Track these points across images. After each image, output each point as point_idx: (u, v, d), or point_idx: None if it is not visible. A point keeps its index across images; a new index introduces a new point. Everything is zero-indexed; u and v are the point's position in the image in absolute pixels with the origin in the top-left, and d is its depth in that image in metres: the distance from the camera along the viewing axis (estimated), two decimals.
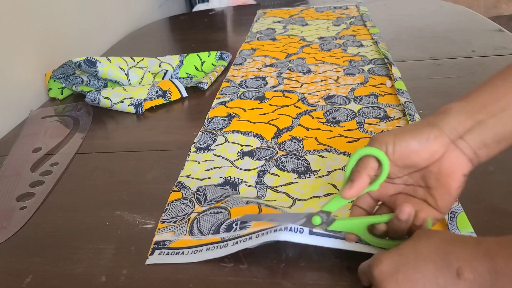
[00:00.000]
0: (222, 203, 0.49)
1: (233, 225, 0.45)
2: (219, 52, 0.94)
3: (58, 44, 0.94)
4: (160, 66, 0.89)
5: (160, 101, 0.78)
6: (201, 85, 0.82)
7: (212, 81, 0.85)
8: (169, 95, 0.78)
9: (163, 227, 0.48)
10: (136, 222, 0.49)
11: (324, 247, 0.42)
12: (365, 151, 0.37)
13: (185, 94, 0.80)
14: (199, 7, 1.66)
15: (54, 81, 0.86)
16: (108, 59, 0.83)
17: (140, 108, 0.76)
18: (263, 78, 0.84)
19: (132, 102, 0.76)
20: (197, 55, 0.93)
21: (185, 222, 0.48)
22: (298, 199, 0.50)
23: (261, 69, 0.88)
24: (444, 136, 0.36)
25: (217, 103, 0.75)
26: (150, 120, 0.74)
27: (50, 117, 0.79)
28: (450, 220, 0.43)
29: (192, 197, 0.52)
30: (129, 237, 0.47)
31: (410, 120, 0.61)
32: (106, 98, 0.77)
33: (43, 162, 0.64)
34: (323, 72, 0.84)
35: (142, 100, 0.76)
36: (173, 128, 0.70)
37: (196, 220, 0.48)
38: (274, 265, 0.41)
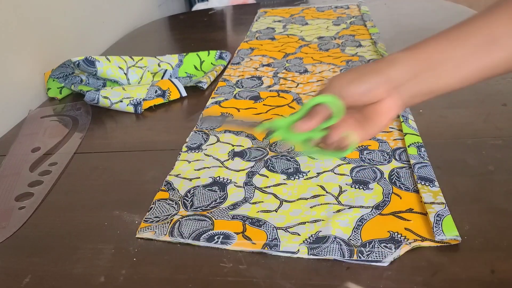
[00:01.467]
0: (207, 212, 0.49)
1: (215, 237, 0.45)
2: (218, 51, 0.94)
3: (57, 43, 0.94)
4: (159, 65, 0.89)
5: (160, 100, 0.77)
6: (201, 85, 0.81)
7: (212, 80, 0.84)
8: (168, 94, 0.78)
9: (145, 226, 0.48)
10: (135, 222, 0.49)
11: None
12: (325, 99, 0.42)
13: (184, 93, 0.80)
14: (199, 6, 1.66)
15: (53, 80, 0.85)
16: (107, 59, 0.83)
17: (139, 107, 0.75)
18: (259, 78, 0.83)
19: (131, 101, 0.76)
20: (197, 54, 0.93)
21: (167, 223, 0.48)
22: (286, 201, 0.50)
23: (257, 69, 0.88)
24: (388, 83, 0.41)
25: (212, 103, 0.75)
26: (149, 120, 0.74)
27: (49, 116, 0.79)
28: (436, 223, 0.43)
29: (179, 200, 0.51)
30: (128, 237, 0.47)
31: (402, 121, 0.61)
32: (105, 97, 0.77)
33: (42, 161, 0.64)
34: (319, 72, 0.83)
35: (141, 99, 0.76)
36: (172, 128, 0.70)
37: (178, 222, 0.48)
38: (274, 265, 0.41)
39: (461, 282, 0.38)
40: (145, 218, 0.49)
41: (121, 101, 0.76)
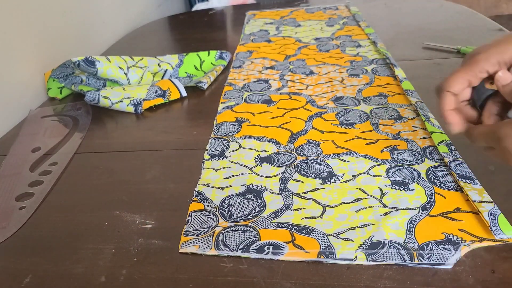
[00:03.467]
0: (250, 222, 0.47)
1: (265, 248, 0.43)
2: (218, 51, 0.94)
3: (58, 43, 0.94)
4: (159, 65, 0.89)
5: (160, 100, 0.77)
6: (201, 85, 0.81)
7: (212, 80, 0.84)
8: (168, 94, 0.78)
9: (187, 240, 0.45)
10: (135, 222, 0.49)
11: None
12: None
13: (184, 93, 0.80)
14: (199, 6, 1.66)
15: (53, 80, 0.85)
16: (108, 59, 0.83)
17: (140, 107, 0.75)
18: (266, 81, 0.82)
19: (132, 101, 0.76)
20: (197, 54, 0.93)
21: (210, 236, 0.46)
22: (328, 206, 0.48)
23: (262, 72, 0.87)
24: None
25: (223, 108, 0.73)
26: (149, 120, 0.74)
27: (49, 116, 0.79)
28: (492, 222, 0.42)
29: (216, 211, 0.49)
30: (129, 237, 0.47)
31: (425, 120, 0.61)
32: (105, 97, 0.77)
33: (42, 161, 0.64)
34: (326, 73, 0.83)
35: (141, 99, 0.76)
36: (172, 128, 0.70)
37: (221, 234, 0.45)
38: (274, 265, 0.41)
39: (461, 283, 0.38)
40: (185, 231, 0.46)
41: (121, 101, 0.76)
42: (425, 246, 0.41)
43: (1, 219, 0.52)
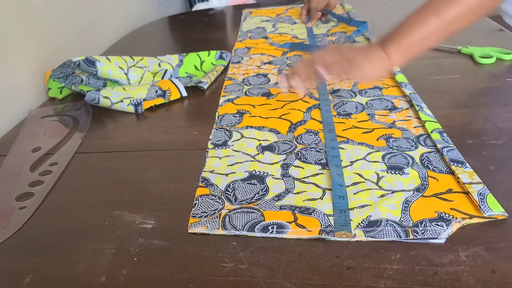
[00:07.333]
0: (254, 204, 0.49)
1: (269, 227, 0.46)
2: (218, 51, 0.94)
3: (58, 43, 0.94)
4: (159, 65, 0.89)
5: (160, 100, 0.77)
6: (201, 85, 0.81)
7: (212, 80, 0.84)
8: (168, 94, 0.78)
9: (195, 222, 0.48)
10: (135, 222, 0.49)
11: (324, 249, 0.43)
12: None
13: (184, 93, 0.80)
14: (199, 6, 1.66)
15: (54, 80, 0.85)
16: (108, 59, 0.83)
17: (140, 107, 0.75)
18: (265, 75, 0.84)
19: (132, 101, 0.76)
20: (197, 54, 0.93)
21: (216, 217, 0.48)
22: (327, 189, 0.51)
23: (260, 67, 0.89)
24: None
25: (224, 101, 0.76)
26: (149, 120, 0.74)
27: (49, 116, 0.79)
28: (481, 201, 0.45)
29: (221, 195, 0.52)
30: (129, 237, 0.47)
31: (419, 110, 0.63)
32: (106, 97, 0.77)
33: (43, 161, 0.64)
34: None
35: (141, 99, 0.76)
36: (172, 128, 0.70)
37: (227, 216, 0.48)
38: (274, 265, 0.41)
39: (461, 282, 0.38)
40: (193, 213, 0.49)
41: (122, 101, 0.76)
42: (419, 224, 0.44)
43: (1, 219, 0.52)
